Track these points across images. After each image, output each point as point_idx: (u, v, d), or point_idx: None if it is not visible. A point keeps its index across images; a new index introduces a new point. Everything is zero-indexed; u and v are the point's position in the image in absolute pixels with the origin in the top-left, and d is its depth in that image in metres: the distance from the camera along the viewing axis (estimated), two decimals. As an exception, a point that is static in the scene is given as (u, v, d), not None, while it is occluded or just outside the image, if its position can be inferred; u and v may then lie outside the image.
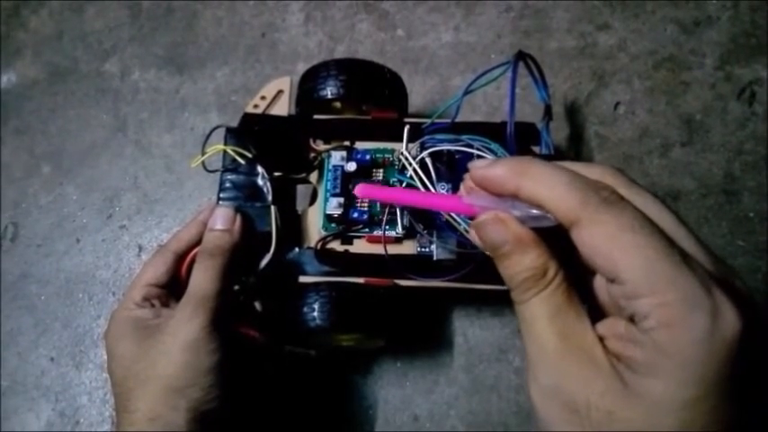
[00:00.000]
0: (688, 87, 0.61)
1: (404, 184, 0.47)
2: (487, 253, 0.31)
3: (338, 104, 0.53)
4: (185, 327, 0.40)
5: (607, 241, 0.24)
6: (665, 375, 0.23)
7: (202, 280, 0.42)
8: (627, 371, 0.24)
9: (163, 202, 0.62)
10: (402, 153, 0.48)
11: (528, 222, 0.28)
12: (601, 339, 0.25)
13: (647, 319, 0.23)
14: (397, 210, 0.47)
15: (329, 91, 0.50)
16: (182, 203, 0.62)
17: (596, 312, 0.28)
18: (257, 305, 0.49)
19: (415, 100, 0.62)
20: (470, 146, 0.47)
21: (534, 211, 0.27)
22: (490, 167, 0.28)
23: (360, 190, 0.39)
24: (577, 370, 0.25)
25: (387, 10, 0.67)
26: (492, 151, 0.47)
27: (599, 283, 0.28)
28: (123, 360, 0.41)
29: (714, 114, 0.60)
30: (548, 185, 0.26)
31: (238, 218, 0.46)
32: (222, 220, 0.46)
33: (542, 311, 0.26)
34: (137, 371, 0.40)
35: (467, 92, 0.47)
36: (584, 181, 0.26)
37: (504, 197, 0.29)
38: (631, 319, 0.24)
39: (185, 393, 0.39)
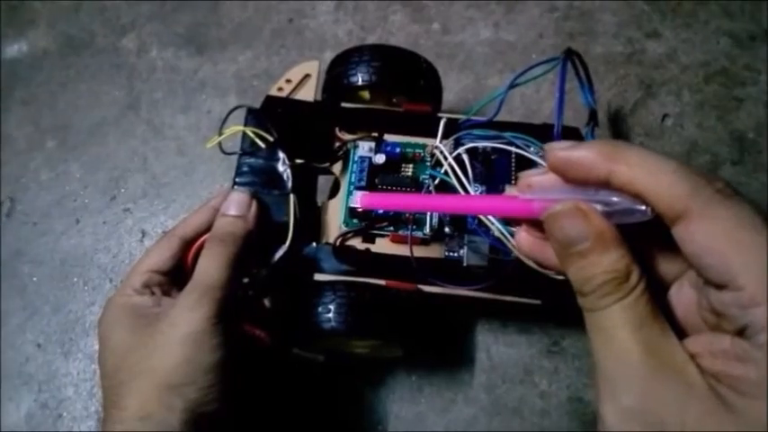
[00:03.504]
0: (741, 104, 0.57)
1: (437, 181, 0.43)
2: (527, 257, 0.26)
3: (367, 94, 0.49)
4: (187, 317, 0.36)
5: (722, 239, 0.21)
6: None
7: (210, 267, 0.38)
8: (732, 393, 0.21)
9: (171, 187, 0.58)
10: (437, 147, 0.44)
11: (612, 218, 0.24)
12: (691, 357, 0.22)
13: (765, 332, 0.20)
14: (428, 207, 0.43)
15: (360, 77, 0.46)
16: (192, 189, 0.58)
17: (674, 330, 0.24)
18: (267, 302, 0.45)
19: (448, 97, 0.58)
20: (512, 144, 0.44)
21: (625, 203, 0.23)
22: (576, 149, 0.24)
23: (362, 200, 0.29)
24: (669, 390, 0.21)
25: (423, 2, 0.64)
26: (538, 152, 0.43)
27: (677, 297, 0.25)
28: (116, 350, 0.37)
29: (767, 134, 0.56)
30: (650, 171, 0.22)
31: (254, 204, 0.42)
32: (237, 206, 0.42)
33: (624, 321, 0.22)
34: (130, 363, 0.36)
35: (512, 86, 0.43)
36: (692, 170, 0.22)
37: (584, 188, 0.24)
38: (739, 333, 0.21)
39: (182, 392, 0.34)
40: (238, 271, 0.40)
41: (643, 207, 0.23)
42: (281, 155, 0.45)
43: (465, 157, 0.43)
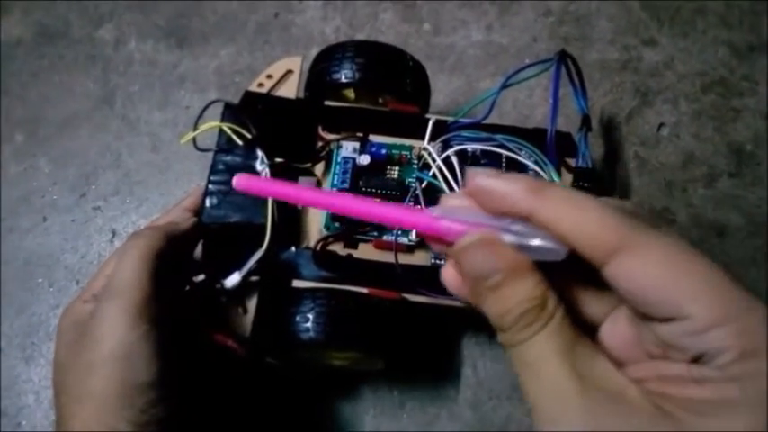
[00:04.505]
0: (738, 115, 0.55)
1: (424, 184, 0.41)
2: (458, 294, 0.24)
3: (352, 94, 0.47)
4: (111, 330, 0.32)
5: (660, 270, 0.20)
6: (746, 412, 0.19)
7: (121, 267, 0.34)
8: (686, 413, 0.20)
9: (145, 185, 0.56)
10: (425, 148, 0.42)
11: (523, 251, 0.22)
12: (637, 382, 0.21)
13: (723, 354, 0.19)
14: (415, 212, 0.41)
15: (343, 74, 0.44)
16: (166, 188, 0.55)
17: None
18: (241, 309, 0.42)
19: (437, 99, 0.56)
20: (504, 147, 0.41)
21: (541, 239, 0.22)
22: (500, 179, 0.22)
23: (239, 180, 0.26)
24: (611, 416, 0.20)
25: (414, 1, 0.62)
26: (531, 156, 0.41)
27: (611, 334, 0.24)
28: (57, 368, 0.34)
29: (766, 146, 0.54)
30: (576, 209, 0.21)
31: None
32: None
33: (551, 349, 0.21)
34: (67, 385, 0.33)
35: (504, 86, 0.41)
36: (616, 206, 0.22)
37: (496, 218, 0.23)
38: (695, 360, 0.20)
39: (122, 416, 0.31)
40: (163, 267, 0.35)
41: (556, 246, 0.22)
42: (260, 153, 0.42)
43: (454, 159, 0.41)
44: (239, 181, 0.26)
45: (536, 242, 0.22)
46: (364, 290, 0.40)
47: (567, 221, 0.21)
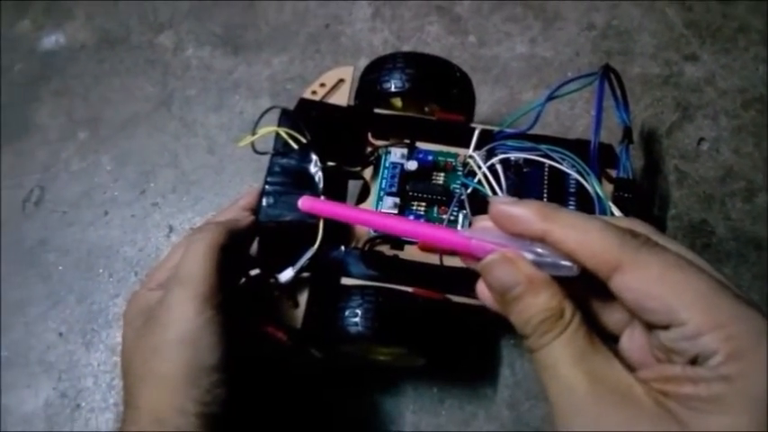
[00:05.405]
0: (778, 132, 0.56)
1: (469, 190, 0.43)
2: (492, 307, 0.28)
3: (399, 102, 0.49)
4: (179, 315, 0.34)
5: (657, 282, 0.23)
6: (736, 409, 0.21)
7: (187, 260, 0.36)
8: (684, 410, 0.22)
9: (200, 185, 0.58)
10: (471, 156, 0.44)
11: (543, 268, 0.26)
12: (644, 382, 0.24)
13: (714, 356, 0.22)
14: (460, 216, 0.43)
15: (393, 84, 0.46)
16: (220, 188, 0.58)
17: None
18: (292, 303, 0.44)
19: (481, 109, 0.58)
20: (548, 156, 0.43)
21: (553, 257, 0.25)
22: (516, 205, 0.26)
23: (304, 203, 0.32)
24: (617, 412, 0.23)
25: (460, 14, 0.64)
26: (573, 166, 0.42)
27: (630, 342, 0.27)
28: (125, 350, 0.37)
29: (805, 163, 0.55)
30: (580, 230, 0.24)
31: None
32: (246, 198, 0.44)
33: (566, 354, 0.24)
34: (135, 365, 0.35)
35: (550, 97, 0.43)
36: (617, 226, 0.25)
37: (519, 239, 0.26)
38: (692, 363, 0.23)
39: (190, 395, 0.33)
40: (225, 260, 0.37)
41: (569, 263, 0.25)
42: (314, 157, 0.44)
43: (499, 167, 0.43)
44: (304, 203, 0.31)
45: (551, 260, 0.25)
46: (409, 289, 0.42)
47: (573, 242, 0.24)
